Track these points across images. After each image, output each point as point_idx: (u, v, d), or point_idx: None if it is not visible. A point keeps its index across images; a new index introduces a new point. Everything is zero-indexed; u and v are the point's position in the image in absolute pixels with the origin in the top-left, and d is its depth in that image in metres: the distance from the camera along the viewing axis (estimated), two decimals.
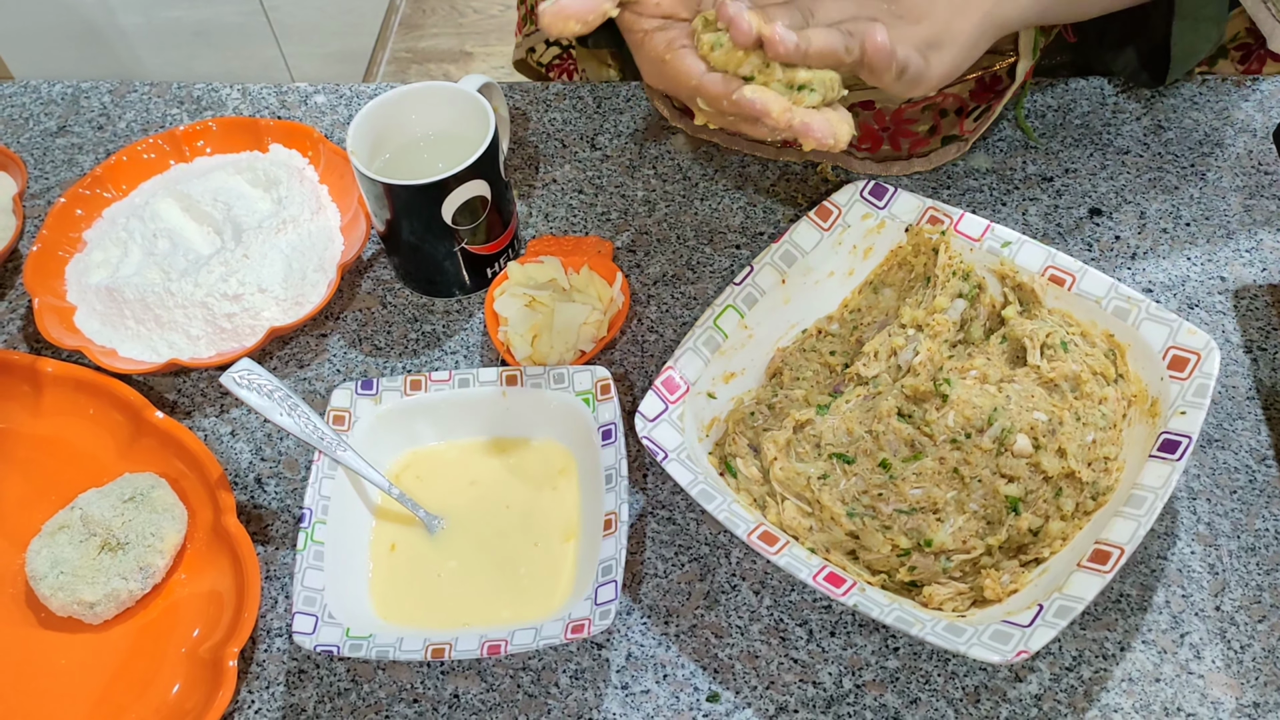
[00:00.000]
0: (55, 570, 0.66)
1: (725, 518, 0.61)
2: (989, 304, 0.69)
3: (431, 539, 0.67)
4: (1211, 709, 0.60)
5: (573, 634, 0.58)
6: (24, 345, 0.80)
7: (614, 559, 0.61)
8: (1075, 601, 0.55)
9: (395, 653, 0.59)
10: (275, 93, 0.94)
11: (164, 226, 0.81)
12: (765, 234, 0.81)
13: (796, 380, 0.70)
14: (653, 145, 0.87)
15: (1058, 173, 0.82)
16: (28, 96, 0.96)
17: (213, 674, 0.62)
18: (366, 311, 0.80)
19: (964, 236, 0.69)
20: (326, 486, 0.66)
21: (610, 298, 0.75)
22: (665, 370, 0.66)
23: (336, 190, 0.84)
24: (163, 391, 0.77)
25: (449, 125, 0.77)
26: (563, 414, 0.69)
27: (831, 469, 0.64)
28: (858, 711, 0.61)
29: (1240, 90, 0.85)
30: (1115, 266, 0.77)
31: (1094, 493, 0.62)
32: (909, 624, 0.57)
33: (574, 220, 0.83)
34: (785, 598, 0.65)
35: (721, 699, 0.62)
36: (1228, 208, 0.79)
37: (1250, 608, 0.63)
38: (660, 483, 0.70)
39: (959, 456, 0.62)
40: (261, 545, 0.69)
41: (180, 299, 0.76)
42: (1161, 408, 0.62)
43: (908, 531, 0.62)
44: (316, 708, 0.63)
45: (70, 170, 0.90)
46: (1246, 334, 0.73)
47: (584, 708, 0.62)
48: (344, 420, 0.69)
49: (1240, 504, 0.66)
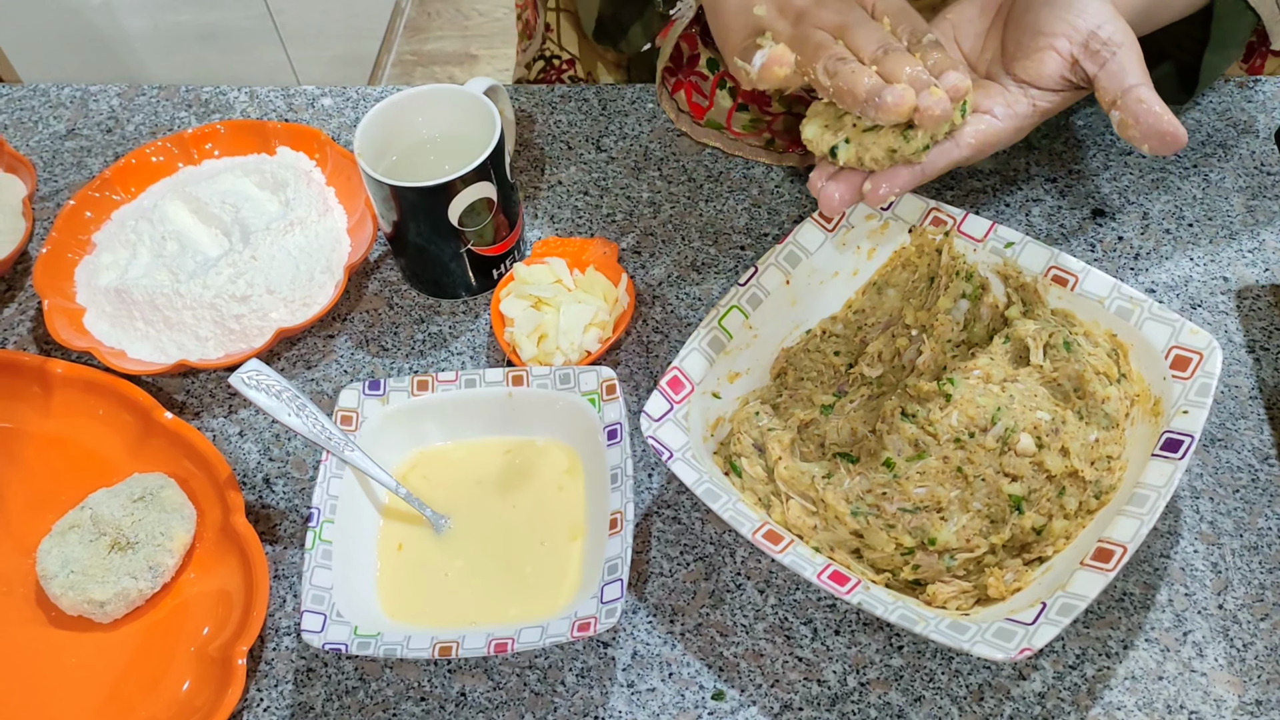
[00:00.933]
0: (66, 569, 0.66)
1: (730, 517, 0.61)
2: (992, 304, 0.69)
3: (438, 538, 0.67)
4: (1214, 707, 0.60)
5: (579, 632, 0.59)
6: (34, 347, 0.81)
7: (620, 558, 0.61)
8: (1078, 599, 0.56)
9: (403, 651, 0.60)
10: (282, 95, 0.95)
11: (172, 229, 0.81)
12: (770, 235, 0.81)
13: (801, 380, 0.71)
14: (658, 146, 0.87)
15: (1061, 174, 0.82)
16: (37, 100, 0.96)
17: (222, 672, 0.63)
18: (373, 313, 0.80)
19: (967, 237, 0.69)
20: (334, 486, 0.66)
21: (615, 298, 0.75)
22: (670, 370, 0.66)
23: (343, 192, 0.84)
24: (171, 392, 0.78)
25: (455, 127, 0.78)
26: (568, 414, 0.69)
27: (835, 468, 0.65)
28: (862, 709, 0.61)
29: (1243, 91, 0.85)
30: (1119, 267, 0.77)
31: (1097, 491, 0.62)
32: (913, 622, 0.57)
33: (579, 221, 0.83)
34: (790, 596, 0.65)
35: (727, 697, 0.62)
36: (1230, 208, 0.79)
37: (1253, 606, 0.63)
38: (666, 482, 0.70)
39: (962, 456, 0.63)
40: (270, 544, 0.70)
41: (189, 300, 0.76)
42: (1164, 407, 0.62)
43: (911, 530, 0.62)
44: (325, 706, 0.64)
45: (79, 173, 0.91)
46: (1249, 334, 0.73)
47: (590, 705, 0.63)
48: (351, 420, 0.69)
49: (1243, 503, 0.67)
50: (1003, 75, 0.65)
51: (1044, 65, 0.63)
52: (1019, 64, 0.64)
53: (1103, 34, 0.61)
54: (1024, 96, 0.64)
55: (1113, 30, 0.61)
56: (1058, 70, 0.63)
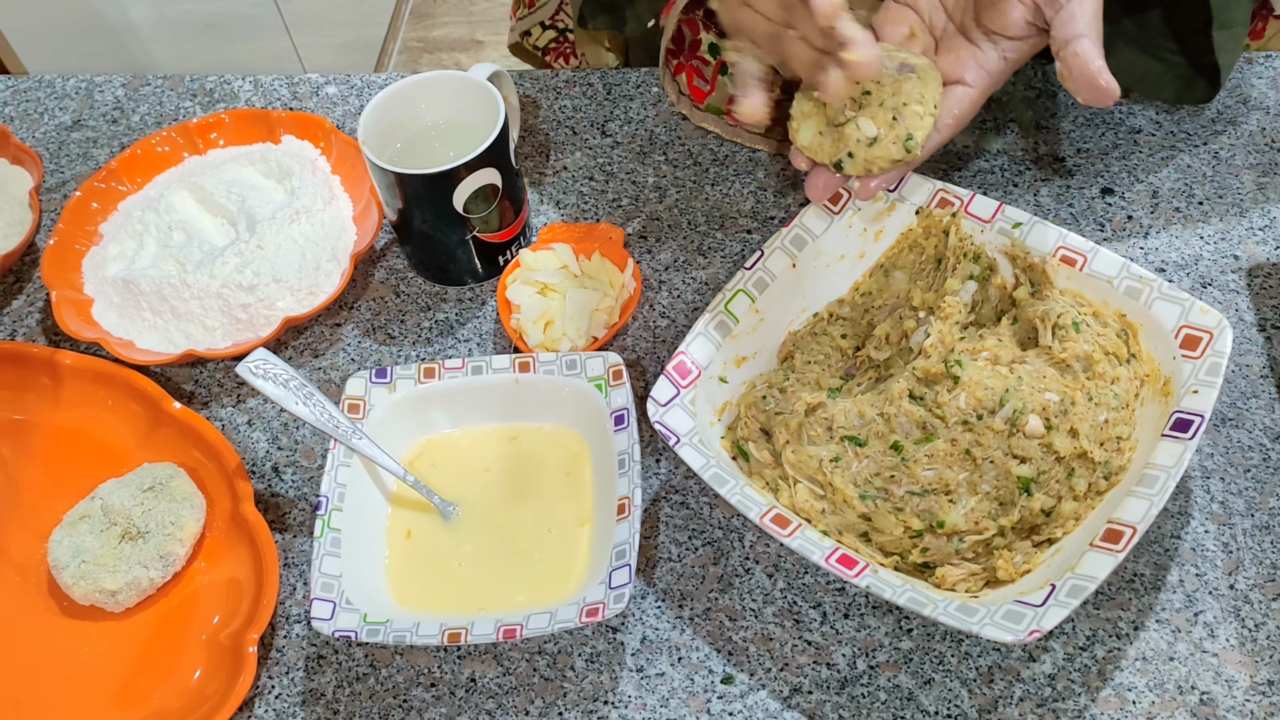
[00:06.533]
0: (77, 559, 0.67)
1: (738, 501, 0.61)
2: (1000, 285, 0.69)
3: (447, 525, 0.68)
4: (1226, 687, 0.60)
5: (587, 618, 0.59)
6: (43, 338, 0.81)
7: (628, 543, 0.61)
8: (1088, 581, 0.55)
9: (412, 638, 0.60)
10: (287, 84, 0.94)
11: (179, 219, 0.81)
12: (776, 218, 0.81)
13: (808, 364, 0.70)
14: (663, 131, 0.87)
15: (1069, 152, 0.82)
16: (42, 91, 0.96)
17: (233, 660, 0.63)
18: (380, 300, 0.80)
19: (974, 218, 0.69)
20: (342, 474, 0.67)
21: (622, 284, 0.75)
22: (677, 355, 0.66)
23: (349, 180, 0.84)
24: (180, 382, 0.78)
25: (459, 114, 0.77)
26: (575, 400, 0.69)
27: (843, 452, 0.65)
28: (872, 692, 0.61)
29: (1253, 67, 0.85)
30: (1128, 246, 0.77)
31: (1106, 472, 0.62)
32: (921, 605, 0.57)
33: (585, 207, 0.83)
34: (799, 580, 0.65)
35: (736, 681, 0.62)
36: (1241, 185, 0.79)
37: (1264, 586, 0.63)
38: (673, 467, 0.70)
39: (971, 438, 0.63)
40: (279, 533, 0.70)
41: (196, 290, 0.76)
42: (1174, 387, 0.61)
43: (920, 513, 0.62)
44: (335, 692, 0.64)
45: (85, 164, 0.91)
46: (1260, 312, 0.73)
47: (599, 691, 0.63)
48: (359, 408, 0.69)
49: (1254, 482, 0.66)
50: (973, 29, 0.67)
51: (1010, 13, 0.64)
52: (986, 13, 0.66)
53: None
54: (994, 50, 0.66)
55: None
56: (1022, 17, 0.64)
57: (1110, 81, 0.61)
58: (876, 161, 0.65)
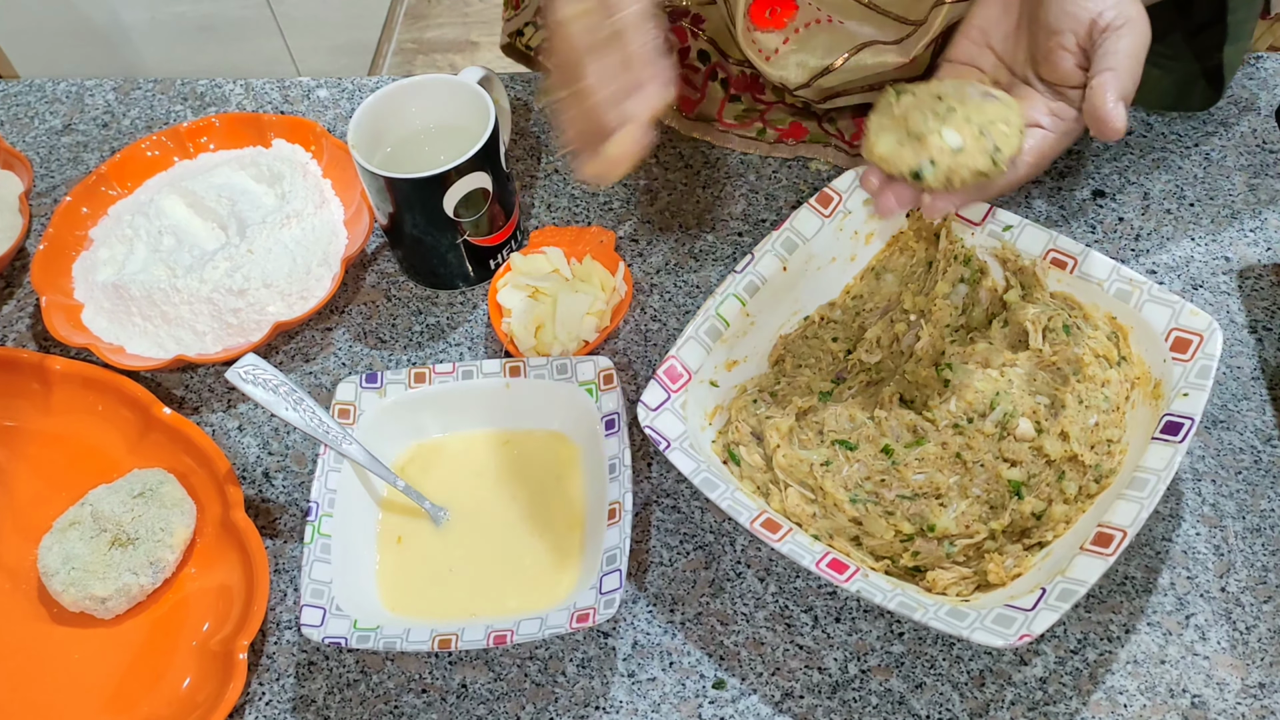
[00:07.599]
0: (67, 566, 0.66)
1: (728, 506, 0.61)
2: (991, 288, 0.69)
3: (437, 530, 0.67)
4: (1217, 690, 0.60)
5: (578, 623, 0.59)
6: (32, 343, 0.81)
7: (619, 548, 0.61)
8: (1078, 584, 0.55)
9: (403, 644, 0.60)
10: (278, 87, 0.94)
11: (169, 223, 0.81)
12: (767, 221, 0.81)
13: (799, 367, 0.70)
14: (654, 134, 0.86)
15: (1060, 154, 0.81)
16: (33, 95, 0.96)
17: (223, 667, 0.63)
18: (371, 305, 0.80)
19: (965, 221, 0.69)
20: (333, 480, 0.66)
21: (613, 287, 0.75)
22: (667, 359, 0.66)
23: (340, 184, 0.84)
24: (170, 387, 0.77)
25: (450, 117, 0.77)
26: (566, 404, 0.69)
27: (834, 455, 0.64)
28: (863, 696, 0.61)
29: (1244, 69, 0.85)
30: (1119, 248, 0.77)
31: (1097, 476, 0.62)
32: (911, 609, 0.57)
33: (576, 210, 0.83)
34: (790, 584, 0.65)
35: (727, 686, 0.62)
36: (1232, 187, 0.79)
37: (1256, 588, 0.63)
38: (664, 471, 0.70)
39: (961, 441, 0.63)
40: (270, 539, 0.70)
41: (186, 295, 0.76)
42: (1164, 390, 0.61)
43: (911, 517, 0.62)
44: (326, 699, 0.64)
45: (76, 168, 0.91)
46: (1251, 314, 0.73)
47: (591, 696, 0.63)
48: (349, 414, 0.69)
49: (1245, 485, 0.66)
50: (1034, 80, 0.64)
51: (1060, 64, 0.62)
52: (1041, 68, 0.63)
53: (1103, 20, 0.60)
54: (1063, 100, 0.63)
55: (1114, 14, 0.60)
56: (1075, 64, 0.61)
57: (1117, 118, 0.59)
58: (960, 170, 0.60)
